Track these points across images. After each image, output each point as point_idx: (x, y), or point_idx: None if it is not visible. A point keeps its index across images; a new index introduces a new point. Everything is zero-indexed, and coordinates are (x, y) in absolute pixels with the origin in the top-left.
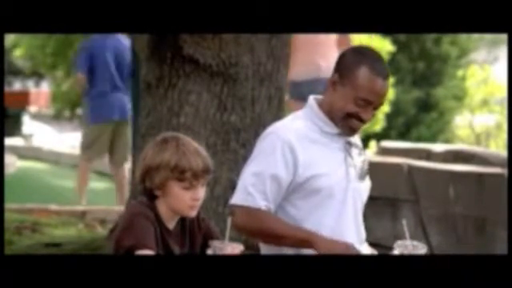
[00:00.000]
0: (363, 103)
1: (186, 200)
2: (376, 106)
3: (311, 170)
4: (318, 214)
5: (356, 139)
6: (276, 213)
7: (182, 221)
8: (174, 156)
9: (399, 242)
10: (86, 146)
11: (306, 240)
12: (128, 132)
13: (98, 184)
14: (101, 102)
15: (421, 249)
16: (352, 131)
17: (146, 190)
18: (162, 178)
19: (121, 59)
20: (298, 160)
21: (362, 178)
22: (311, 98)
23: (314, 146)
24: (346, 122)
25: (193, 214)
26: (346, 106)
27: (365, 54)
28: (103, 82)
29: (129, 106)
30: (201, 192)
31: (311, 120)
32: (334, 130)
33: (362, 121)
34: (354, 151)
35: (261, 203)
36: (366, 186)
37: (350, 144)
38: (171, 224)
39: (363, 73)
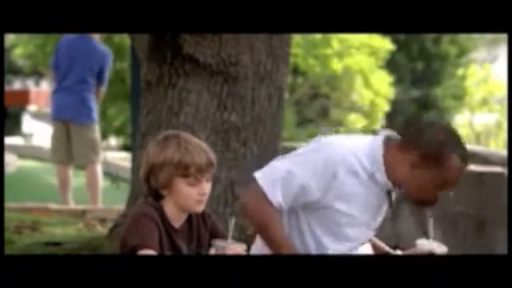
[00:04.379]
0: (445, 188)
1: (193, 196)
2: None
3: (342, 204)
4: (325, 239)
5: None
6: (288, 214)
7: (189, 218)
8: (176, 153)
9: (422, 240)
10: (50, 145)
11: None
12: (86, 133)
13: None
14: (52, 100)
15: (436, 248)
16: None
17: (151, 190)
18: (166, 175)
19: (80, 61)
20: (335, 187)
21: (379, 227)
22: (381, 140)
23: (358, 185)
24: (422, 204)
25: (200, 208)
26: (426, 192)
27: (454, 142)
28: (57, 80)
29: (83, 108)
30: (206, 186)
31: (370, 164)
32: (383, 179)
33: (434, 204)
34: (388, 202)
35: (278, 200)
36: (374, 232)
37: (389, 194)
38: (178, 222)
39: (455, 161)
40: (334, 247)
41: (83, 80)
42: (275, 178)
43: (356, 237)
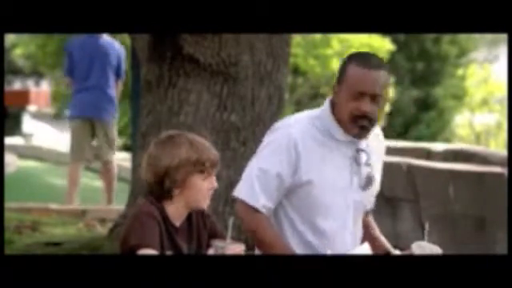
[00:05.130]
0: (358, 95)
1: (204, 190)
2: (374, 97)
3: (313, 174)
4: (317, 220)
5: (370, 147)
6: (276, 210)
7: (189, 218)
8: (190, 151)
9: (417, 242)
10: (70, 144)
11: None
12: (109, 130)
13: (97, 183)
14: (74, 100)
15: (434, 251)
16: (362, 132)
17: (163, 191)
18: (183, 174)
19: (100, 58)
20: (301, 160)
21: (365, 187)
22: (328, 100)
23: (320, 148)
24: (354, 123)
25: (206, 204)
26: (347, 105)
27: (352, 55)
28: (77, 81)
29: (107, 105)
30: (215, 181)
31: (322, 122)
32: (343, 136)
33: (366, 117)
34: (363, 159)
35: (261, 203)
36: (369, 195)
37: (359, 151)
38: (178, 222)
39: (351, 68)
40: (326, 225)
41: (105, 77)
42: (250, 183)
43: (342, 206)
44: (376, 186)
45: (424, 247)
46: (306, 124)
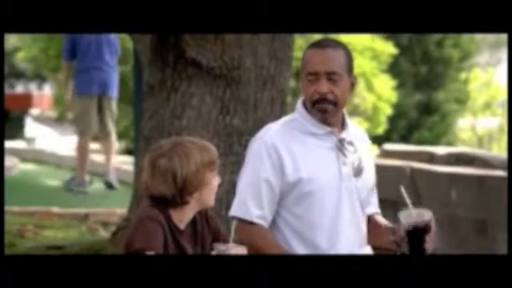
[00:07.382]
0: (312, 77)
1: (215, 187)
2: (329, 75)
3: (300, 172)
4: (313, 218)
5: (353, 135)
6: (274, 220)
7: (193, 220)
8: (202, 152)
9: (403, 211)
10: (74, 119)
11: None
12: (113, 106)
13: (99, 186)
14: (81, 77)
15: (426, 215)
16: (325, 115)
17: (181, 198)
18: (202, 177)
19: (106, 37)
20: (284, 160)
21: (357, 174)
22: (300, 100)
23: (302, 146)
24: (315, 107)
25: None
26: (307, 92)
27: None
28: (84, 60)
29: (112, 81)
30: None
31: (298, 121)
32: (322, 130)
33: (326, 99)
34: (348, 148)
35: (254, 214)
36: (364, 181)
37: (342, 142)
38: (183, 224)
39: (305, 53)
40: (323, 219)
41: (112, 55)
42: (241, 199)
43: (335, 198)
44: (369, 173)
45: (411, 214)
46: (281, 128)
